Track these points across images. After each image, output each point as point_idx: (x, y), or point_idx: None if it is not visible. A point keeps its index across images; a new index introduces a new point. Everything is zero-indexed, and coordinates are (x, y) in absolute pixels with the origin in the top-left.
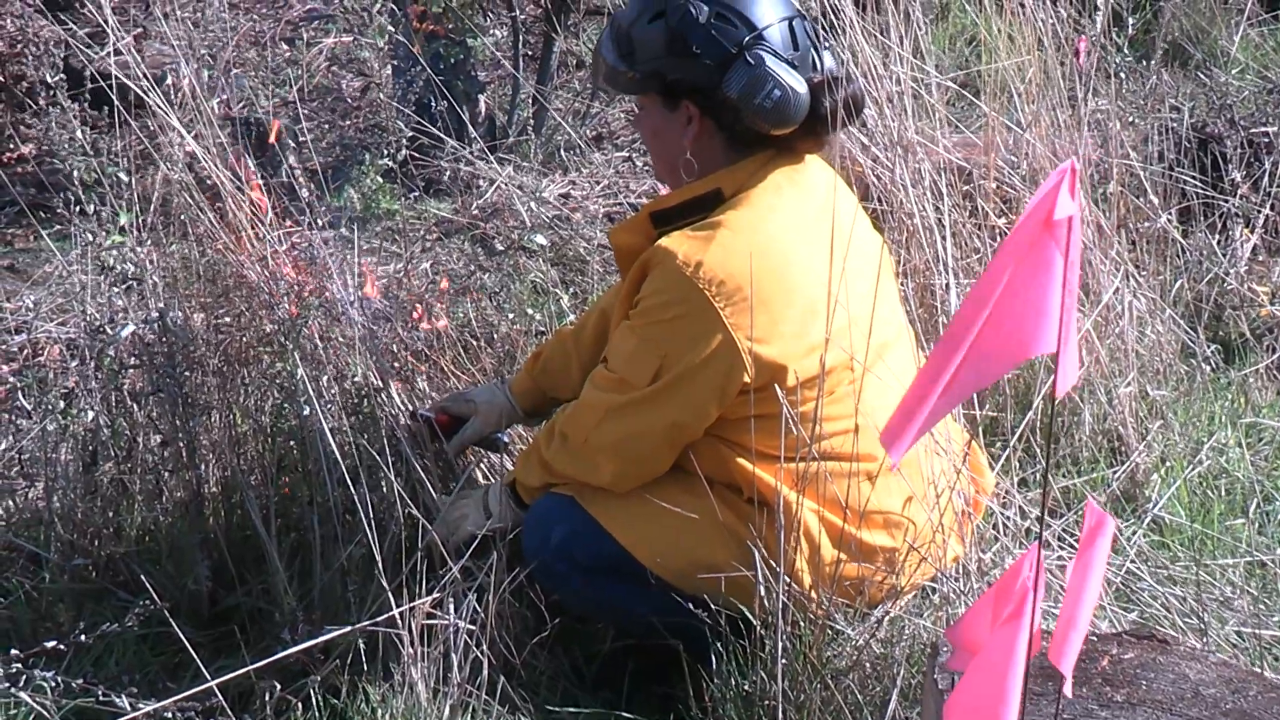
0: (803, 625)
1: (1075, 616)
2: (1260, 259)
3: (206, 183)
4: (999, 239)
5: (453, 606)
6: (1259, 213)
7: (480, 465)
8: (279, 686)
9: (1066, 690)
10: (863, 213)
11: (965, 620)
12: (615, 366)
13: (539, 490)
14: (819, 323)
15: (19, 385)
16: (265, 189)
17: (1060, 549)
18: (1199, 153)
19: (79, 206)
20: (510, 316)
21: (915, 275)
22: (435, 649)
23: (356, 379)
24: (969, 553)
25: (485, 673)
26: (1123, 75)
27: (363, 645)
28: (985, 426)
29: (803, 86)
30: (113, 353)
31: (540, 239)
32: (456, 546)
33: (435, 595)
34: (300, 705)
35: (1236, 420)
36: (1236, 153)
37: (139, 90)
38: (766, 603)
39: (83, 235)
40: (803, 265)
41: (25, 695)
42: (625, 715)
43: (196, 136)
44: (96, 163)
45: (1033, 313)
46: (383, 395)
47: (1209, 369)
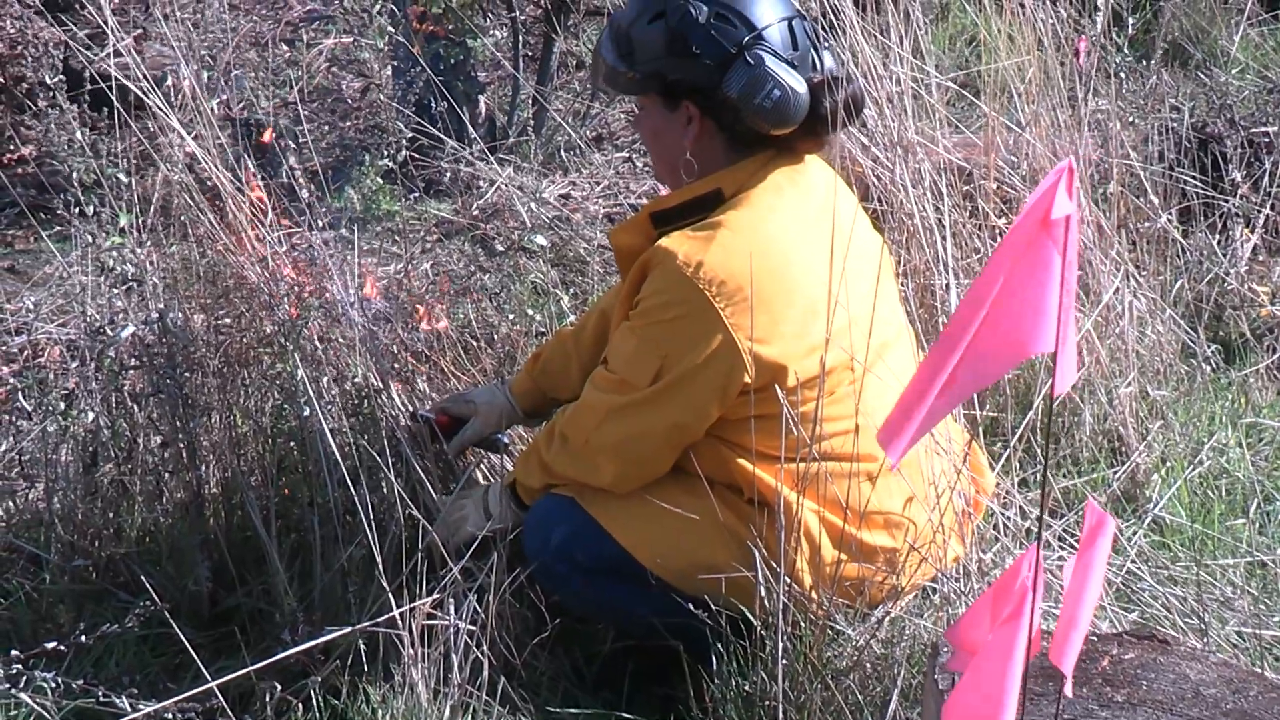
0: (803, 626)
1: (1076, 616)
2: (1260, 259)
3: (207, 184)
4: (999, 239)
5: (453, 607)
6: (1259, 213)
7: (480, 466)
8: (279, 687)
9: (1067, 690)
10: (863, 213)
11: (964, 621)
12: (615, 367)
13: (539, 491)
14: (819, 323)
15: (19, 386)
16: (265, 190)
17: (1060, 549)
18: (1199, 153)
19: (79, 208)
20: (510, 317)
21: (915, 275)
22: (436, 650)
23: (357, 380)
24: (969, 553)
25: (486, 673)
26: (1123, 75)
27: (363, 646)
28: (985, 427)
29: (802, 86)
30: (113, 354)
31: (540, 240)
32: (457, 547)
33: (435, 596)
34: (301, 706)
35: (1237, 420)
36: (1237, 153)
37: (139, 91)
38: (767, 603)
39: (83, 236)
40: (803, 265)
41: (25, 696)
42: (626, 716)
43: (196, 137)
44: (96, 164)
45: (1031, 312)
46: (383, 396)
47: (1209, 369)
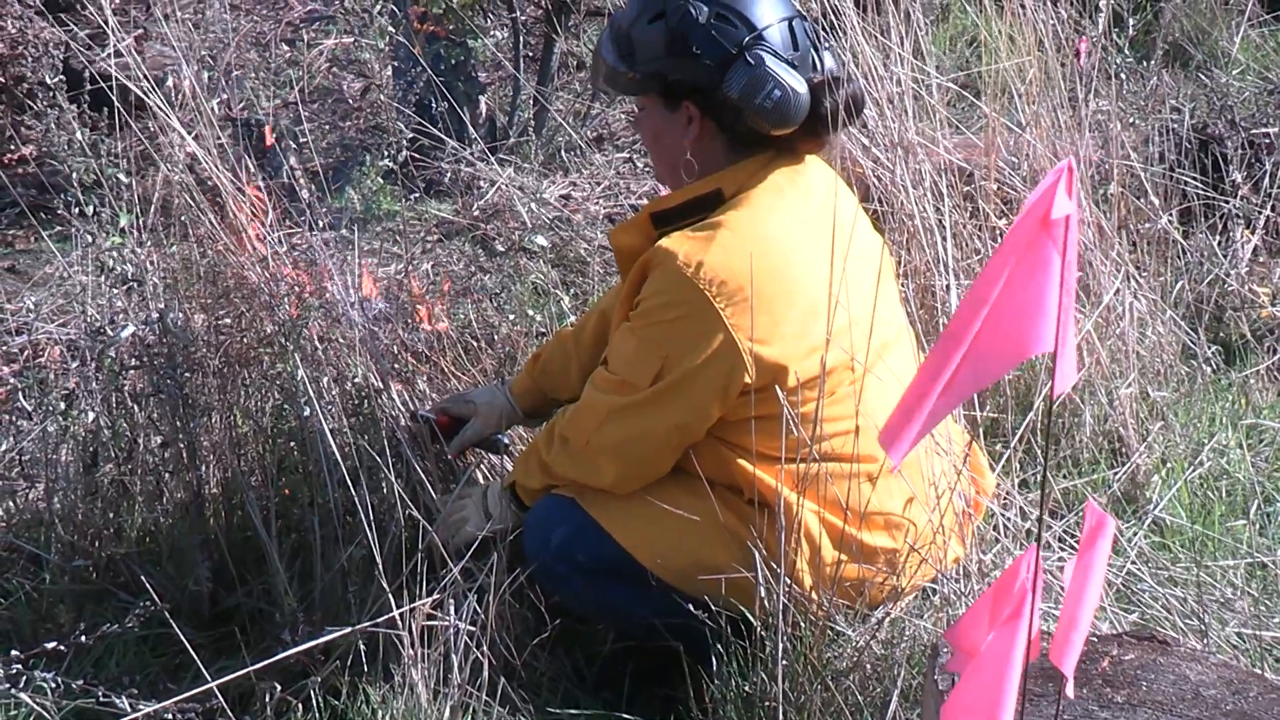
0: (803, 626)
1: (1076, 617)
2: (1261, 260)
3: (207, 184)
4: (1000, 240)
5: (453, 608)
6: (1260, 214)
7: (480, 466)
8: (279, 687)
9: (1068, 691)
10: (863, 213)
11: (964, 622)
12: (616, 368)
13: (539, 492)
14: (820, 323)
15: (20, 386)
16: (266, 190)
17: (1061, 550)
18: (1200, 154)
19: (79, 208)
20: (511, 318)
21: (916, 276)
22: (436, 650)
23: (357, 380)
24: (970, 554)
25: (486, 674)
26: (1123, 76)
27: (363, 646)
28: (986, 427)
29: (803, 86)
30: (113, 354)
31: (541, 240)
32: (458, 548)
33: (435, 596)
34: (301, 706)
35: (1237, 421)
36: (1237, 154)
37: (139, 92)
38: (767, 604)
39: (83, 236)
40: (803, 265)
41: (25, 696)
42: (626, 716)
43: (197, 138)
44: (96, 164)
45: (1030, 312)
46: (383, 396)
47: (1210, 370)
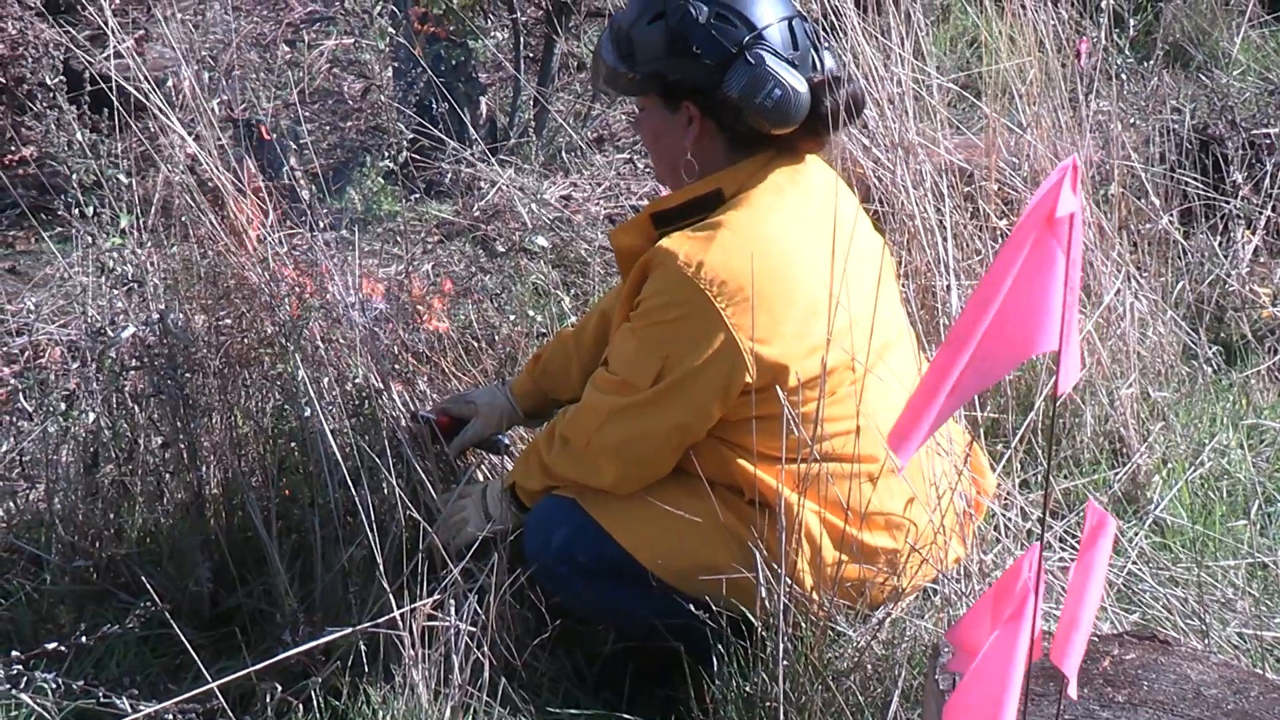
0: (804, 627)
1: (1077, 617)
2: (1262, 260)
3: (208, 185)
4: (1000, 240)
5: (454, 608)
6: (1260, 214)
7: (481, 467)
8: (280, 688)
9: (1070, 692)
10: (863, 213)
11: (965, 621)
12: (617, 369)
13: (539, 493)
14: (820, 323)
15: (20, 387)
16: (266, 191)
17: (1061, 550)
18: (1200, 154)
19: (79, 209)
20: (511, 318)
21: (916, 276)
22: (436, 650)
23: (357, 380)
24: (970, 554)
25: (486, 674)
26: (1124, 77)
27: (364, 647)
28: (986, 428)
29: (803, 86)
30: (114, 354)
31: (541, 241)
32: (458, 550)
33: (436, 597)
34: (301, 707)
35: (1238, 422)
36: (1238, 154)
37: (138, 94)
38: (768, 604)
39: (83, 237)
40: (804, 265)
41: (26, 697)
42: (626, 717)
43: (197, 139)
44: (96, 165)
45: (1035, 311)
46: (384, 397)
47: (1210, 370)
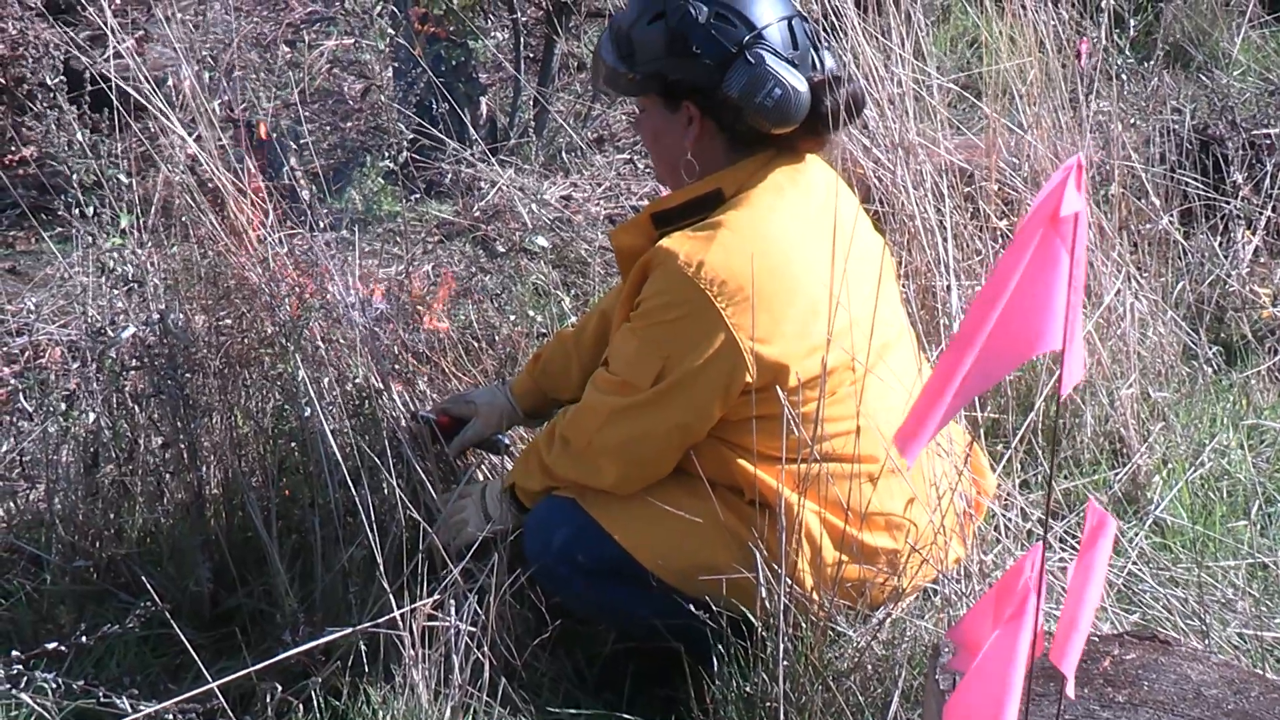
0: (804, 627)
1: (1077, 617)
2: (1262, 261)
3: (208, 185)
4: (1000, 241)
5: (454, 608)
6: (1260, 214)
7: (481, 467)
8: (280, 688)
9: (1068, 691)
10: (864, 214)
11: (967, 620)
12: (617, 369)
13: (539, 494)
14: (820, 323)
15: (21, 387)
16: (266, 191)
17: (1062, 550)
18: (1200, 154)
19: (80, 209)
20: (511, 318)
21: (917, 277)
22: (436, 651)
23: (358, 381)
24: (971, 554)
25: (486, 674)
26: (1124, 77)
27: (364, 647)
28: (987, 428)
29: (803, 85)
30: (114, 355)
31: (541, 241)
32: (459, 551)
33: (436, 597)
34: (301, 707)
35: (1238, 422)
36: (1238, 154)
37: (138, 95)
38: (768, 604)
39: (84, 237)
40: (804, 265)
41: (26, 696)
42: (626, 717)
43: (198, 139)
44: (97, 165)
45: (1039, 310)
46: (384, 397)
47: (1211, 371)
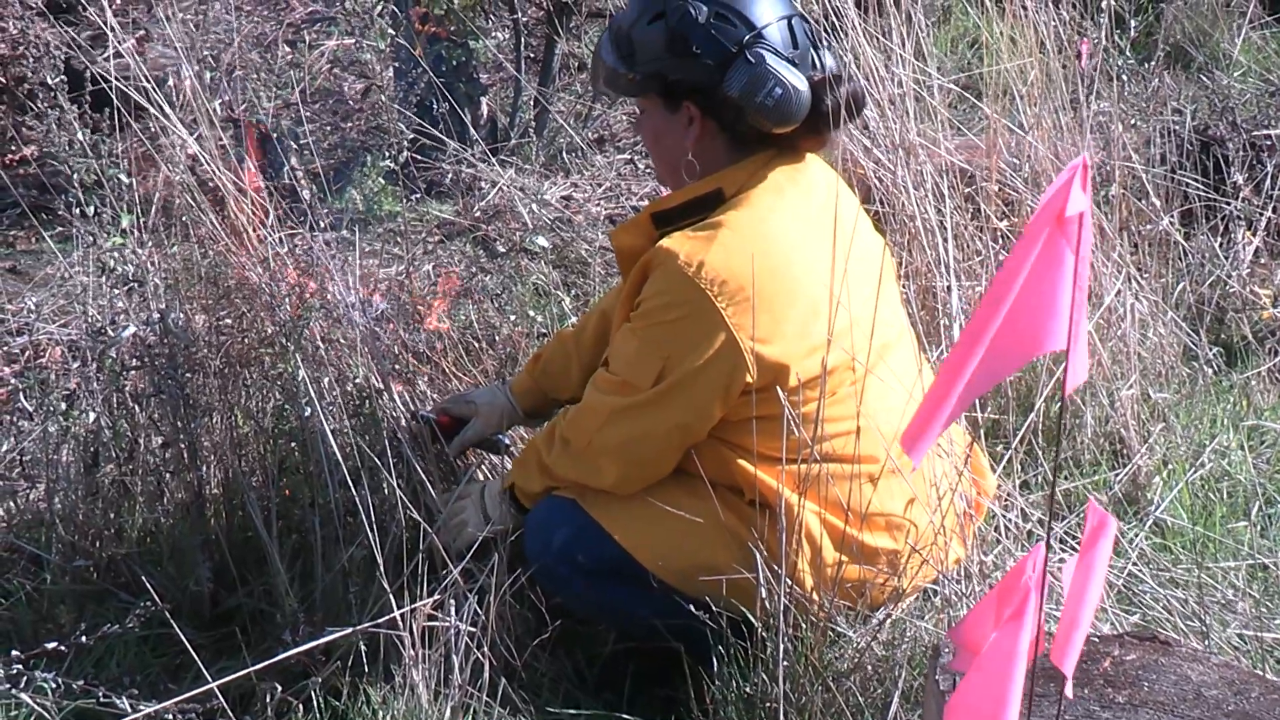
0: (804, 627)
1: (1077, 618)
2: (1262, 261)
3: (208, 184)
4: (1001, 241)
5: (454, 608)
6: (1261, 215)
7: (481, 467)
8: (280, 688)
9: (1068, 691)
10: (864, 214)
11: (968, 620)
12: (617, 369)
13: (539, 495)
14: (821, 323)
15: (21, 387)
16: (267, 191)
17: (1062, 551)
18: (1201, 155)
19: (80, 208)
20: (512, 318)
21: (917, 277)
22: (436, 651)
23: (358, 380)
24: (971, 555)
25: (486, 675)
26: (1125, 78)
27: (364, 647)
28: (987, 429)
29: (804, 84)
30: (114, 354)
31: (542, 241)
32: (459, 552)
33: (436, 597)
34: (301, 707)
35: (1238, 423)
36: (1238, 155)
37: (138, 96)
38: (768, 605)
39: (84, 237)
40: (804, 265)
41: (26, 696)
42: (626, 717)
43: (198, 138)
44: (97, 165)
45: (1044, 309)
46: (384, 397)
47: (1211, 371)
